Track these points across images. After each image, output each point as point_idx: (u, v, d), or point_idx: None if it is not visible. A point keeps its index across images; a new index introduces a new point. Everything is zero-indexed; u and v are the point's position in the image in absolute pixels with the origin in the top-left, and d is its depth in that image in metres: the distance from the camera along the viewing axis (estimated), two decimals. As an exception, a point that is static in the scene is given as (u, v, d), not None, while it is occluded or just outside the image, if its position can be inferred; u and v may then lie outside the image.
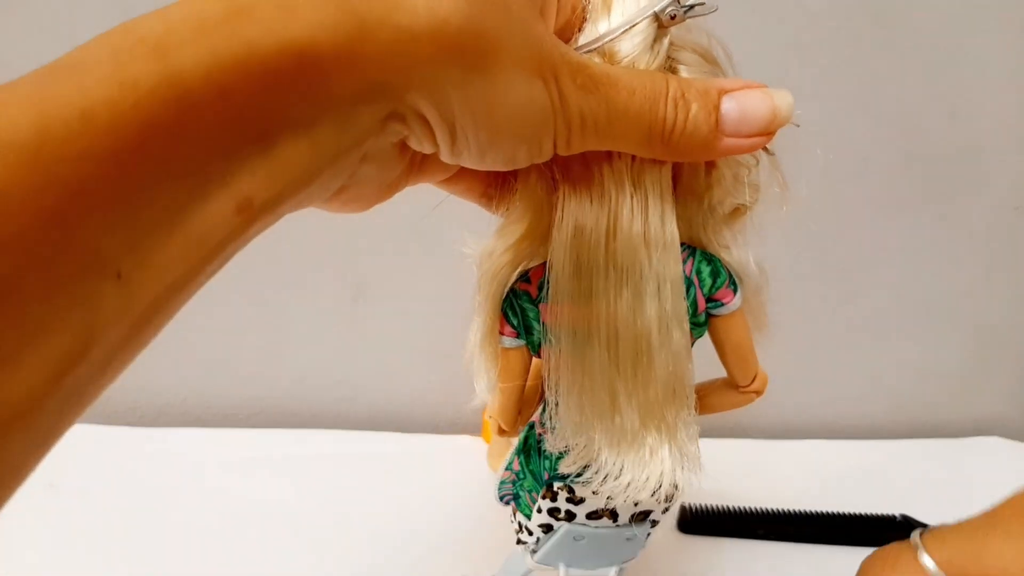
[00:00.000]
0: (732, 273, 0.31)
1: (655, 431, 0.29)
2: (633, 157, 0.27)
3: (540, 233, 0.30)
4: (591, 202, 0.28)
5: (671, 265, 0.28)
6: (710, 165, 0.29)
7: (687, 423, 0.30)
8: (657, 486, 0.29)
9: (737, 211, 0.31)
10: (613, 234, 0.28)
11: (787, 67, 0.58)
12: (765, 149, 0.29)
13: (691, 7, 0.26)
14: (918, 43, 0.59)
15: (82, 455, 0.60)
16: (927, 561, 0.28)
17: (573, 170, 0.28)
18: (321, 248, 0.64)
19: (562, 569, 0.38)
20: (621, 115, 0.24)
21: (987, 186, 0.63)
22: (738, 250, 0.32)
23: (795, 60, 0.58)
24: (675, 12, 0.26)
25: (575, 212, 0.28)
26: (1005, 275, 0.66)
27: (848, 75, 0.59)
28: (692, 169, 0.29)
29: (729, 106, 0.25)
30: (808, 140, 0.58)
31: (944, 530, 0.30)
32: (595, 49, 0.26)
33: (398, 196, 0.66)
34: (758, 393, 0.35)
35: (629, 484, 0.29)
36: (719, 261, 0.31)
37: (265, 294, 0.66)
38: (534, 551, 0.38)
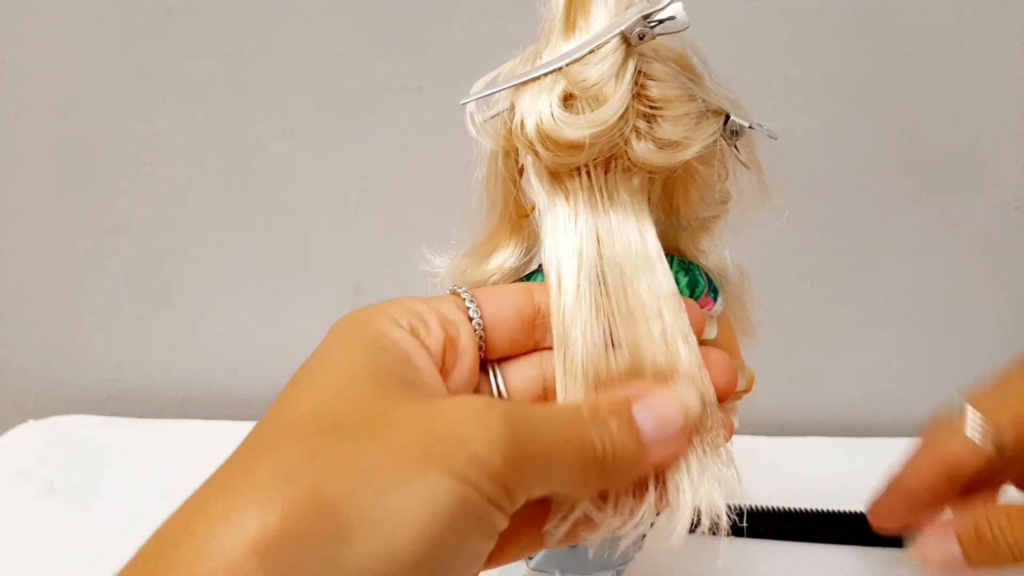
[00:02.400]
0: (712, 279, 0.31)
1: None
2: (606, 172, 0.27)
3: (511, 250, 0.30)
4: (574, 223, 0.27)
5: (661, 280, 0.27)
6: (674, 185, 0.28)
7: (713, 444, 0.28)
8: (691, 515, 0.28)
9: (712, 218, 0.30)
10: (599, 253, 0.27)
11: (785, 67, 0.58)
12: (742, 164, 0.28)
13: (660, 22, 0.25)
14: (918, 43, 0.58)
15: (81, 450, 0.61)
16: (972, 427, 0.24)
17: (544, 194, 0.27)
18: (321, 248, 0.64)
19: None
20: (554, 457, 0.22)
21: (987, 185, 0.62)
22: (715, 255, 0.31)
23: (794, 60, 0.58)
24: (644, 31, 0.25)
25: (560, 233, 0.27)
26: (1005, 274, 0.65)
27: (848, 75, 0.59)
28: (661, 190, 0.29)
29: (643, 417, 0.24)
30: (808, 140, 0.58)
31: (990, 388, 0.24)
32: (558, 70, 0.25)
33: (398, 195, 0.66)
34: (746, 391, 0.35)
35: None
36: (697, 269, 0.31)
37: (266, 293, 0.66)
38: (529, 558, 0.38)
